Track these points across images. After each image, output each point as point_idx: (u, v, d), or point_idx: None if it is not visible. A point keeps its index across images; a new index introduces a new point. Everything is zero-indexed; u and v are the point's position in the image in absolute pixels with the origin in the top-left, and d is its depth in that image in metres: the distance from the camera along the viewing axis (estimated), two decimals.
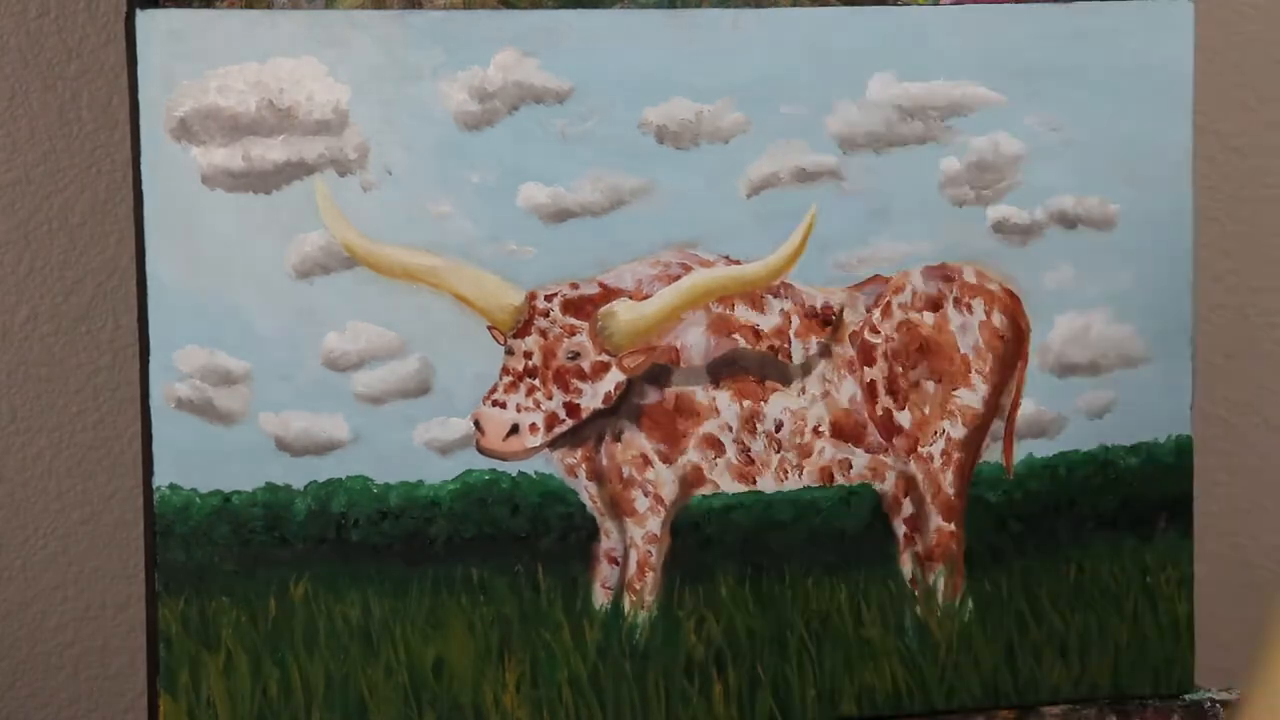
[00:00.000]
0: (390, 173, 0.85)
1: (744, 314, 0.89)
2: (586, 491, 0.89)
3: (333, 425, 0.86)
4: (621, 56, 0.86)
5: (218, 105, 0.83)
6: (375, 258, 0.85)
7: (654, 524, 0.89)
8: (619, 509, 0.89)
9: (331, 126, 0.84)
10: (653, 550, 0.90)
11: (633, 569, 0.89)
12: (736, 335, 0.89)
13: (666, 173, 0.87)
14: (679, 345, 0.89)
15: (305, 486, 0.86)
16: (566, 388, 0.87)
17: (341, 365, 0.86)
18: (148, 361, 0.84)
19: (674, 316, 0.88)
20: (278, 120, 0.84)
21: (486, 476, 0.87)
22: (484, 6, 0.85)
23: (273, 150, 0.84)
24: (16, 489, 1.02)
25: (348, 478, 0.87)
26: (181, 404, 0.85)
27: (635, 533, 0.89)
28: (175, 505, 0.85)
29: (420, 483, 0.87)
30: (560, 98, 0.86)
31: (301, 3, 0.84)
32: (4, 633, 1.04)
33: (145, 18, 0.82)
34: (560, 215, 0.86)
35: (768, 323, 0.90)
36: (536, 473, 0.88)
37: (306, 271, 0.85)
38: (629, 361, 0.88)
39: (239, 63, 0.83)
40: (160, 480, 0.85)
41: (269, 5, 0.84)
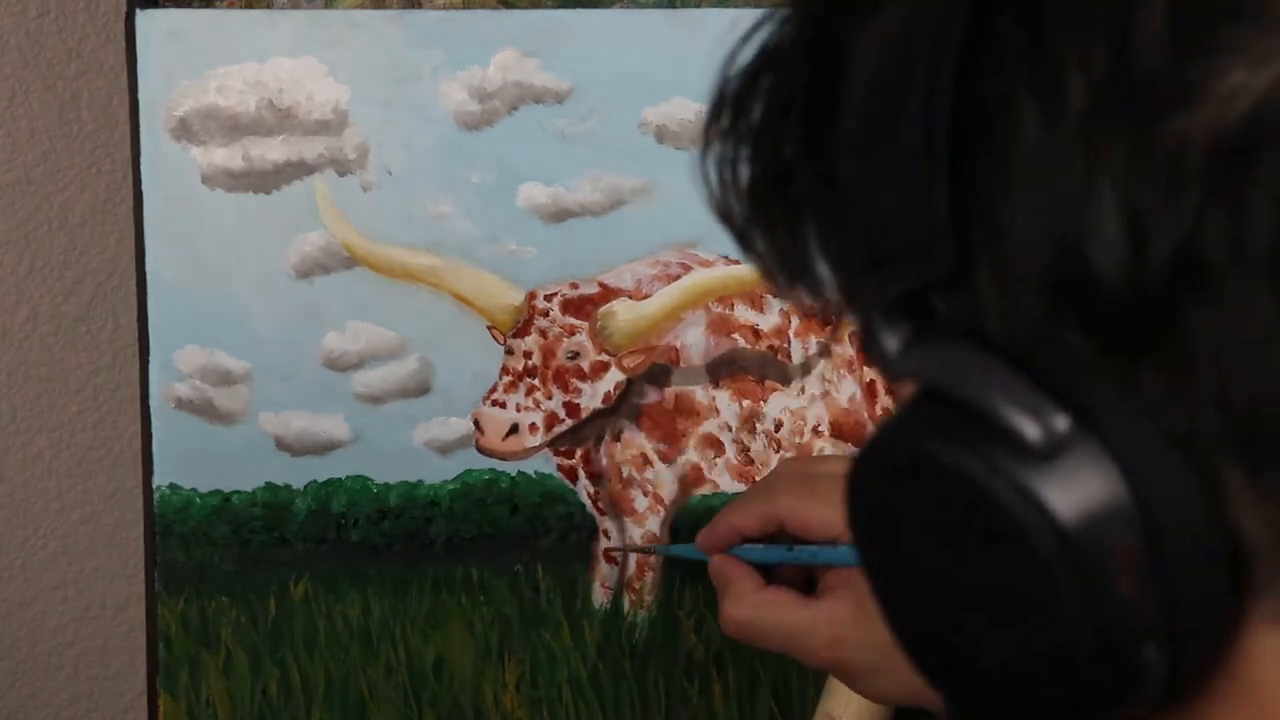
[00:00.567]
0: (390, 173, 0.85)
1: (743, 313, 0.89)
2: (586, 491, 0.89)
3: (333, 425, 0.86)
4: (621, 56, 0.86)
5: (218, 105, 0.83)
6: (375, 258, 0.85)
7: (654, 524, 0.89)
8: (619, 509, 0.89)
9: (331, 126, 0.84)
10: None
11: (633, 569, 0.89)
12: (736, 335, 0.89)
13: (666, 173, 0.87)
14: (679, 345, 0.89)
15: (305, 486, 0.86)
16: (566, 387, 0.87)
17: (341, 365, 0.86)
18: (148, 361, 0.84)
19: (674, 316, 0.88)
20: (278, 120, 0.84)
21: (486, 476, 0.87)
22: (484, 6, 0.85)
23: (273, 150, 0.84)
24: (16, 489, 1.02)
25: (348, 478, 0.87)
26: (181, 404, 0.85)
27: (635, 532, 0.89)
28: (175, 505, 0.85)
29: (420, 483, 0.87)
30: (560, 98, 0.86)
31: (301, 3, 0.84)
32: (4, 633, 1.04)
33: (145, 18, 0.82)
34: (560, 215, 0.86)
35: (767, 322, 0.90)
36: (536, 473, 0.88)
37: (306, 271, 0.85)
38: (628, 361, 0.88)
39: (239, 63, 0.83)
40: (160, 480, 0.85)
41: (269, 5, 0.84)
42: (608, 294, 0.88)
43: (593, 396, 0.88)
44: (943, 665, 0.37)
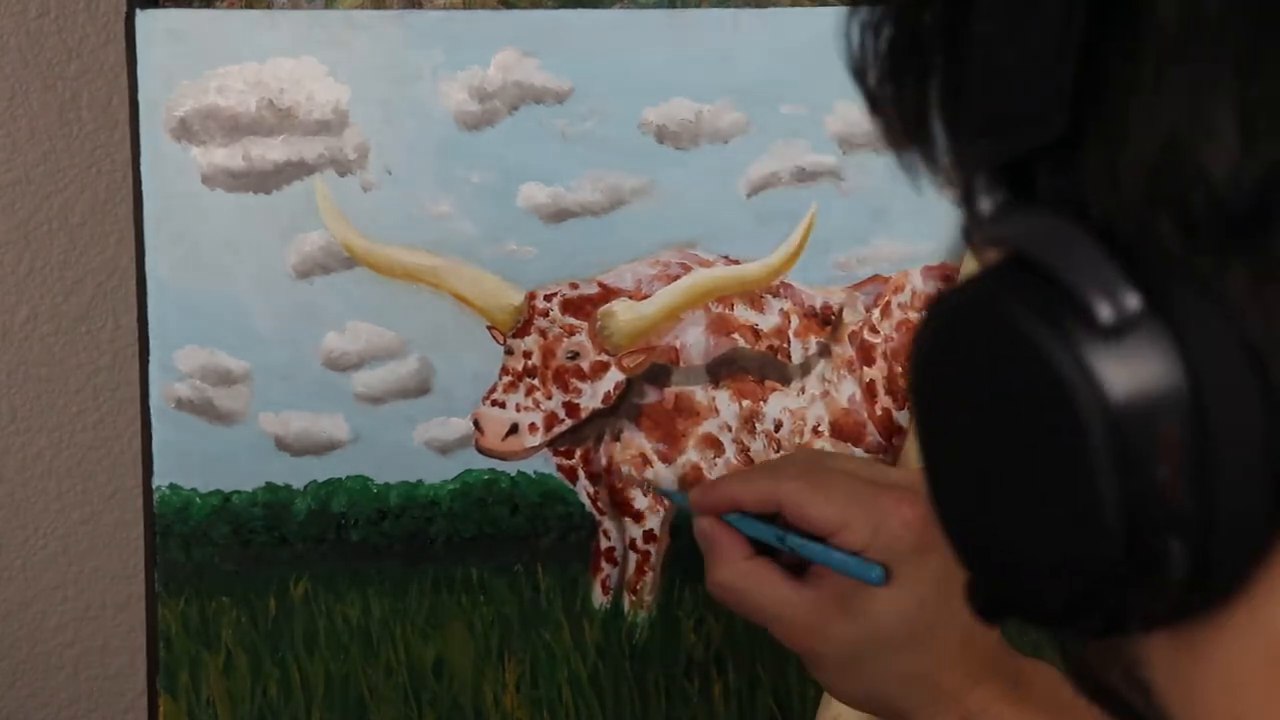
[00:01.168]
0: (390, 173, 0.85)
1: (743, 314, 0.89)
2: (586, 491, 0.89)
3: (333, 425, 0.86)
4: (621, 56, 0.86)
5: (218, 105, 0.83)
6: (375, 258, 0.85)
7: (654, 523, 0.89)
8: (619, 509, 0.89)
9: (331, 126, 0.84)
10: (652, 550, 0.90)
11: (632, 569, 0.89)
12: (736, 335, 0.89)
13: (666, 173, 0.87)
14: (678, 345, 0.89)
15: (305, 486, 0.86)
16: (566, 387, 0.87)
17: (341, 365, 0.86)
18: (148, 361, 0.84)
19: (673, 316, 0.88)
20: (278, 120, 0.84)
21: (486, 476, 0.87)
22: (484, 6, 0.85)
23: (273, 150, 0.84)
24: (16, 489, 1.02)
25: (348, 478, 0.87)
26: (181, 404, 0.85)
27: (635, 532, 0.89)
28: (175, 505, 0.85)
29: (420, 483, 0.87)
30: (560, 98, 0.86)
31: (301, 3, 0.84)
32: (4, 633, 1.04)
33: (145, 18, 0.82)
34: (560, 215, 0.86)
35: (767, 322, 0.90)
36: (536, 473, 0.88)
37: (306, 271, 0.85)
38: (628, 361, 0.88)
39: (239, 63, 0.83)
40: (160, 480, 0.85)
41: (269, 5, 0.84)
42: (608, 294, 0.88)
43: (593, 396, 0.88)
44: (973, 531, 0.37)
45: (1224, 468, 0.32)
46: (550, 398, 0.87)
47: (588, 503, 0.89)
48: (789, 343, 0.90)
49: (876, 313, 0.91)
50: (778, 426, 0.90)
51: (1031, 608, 0.37)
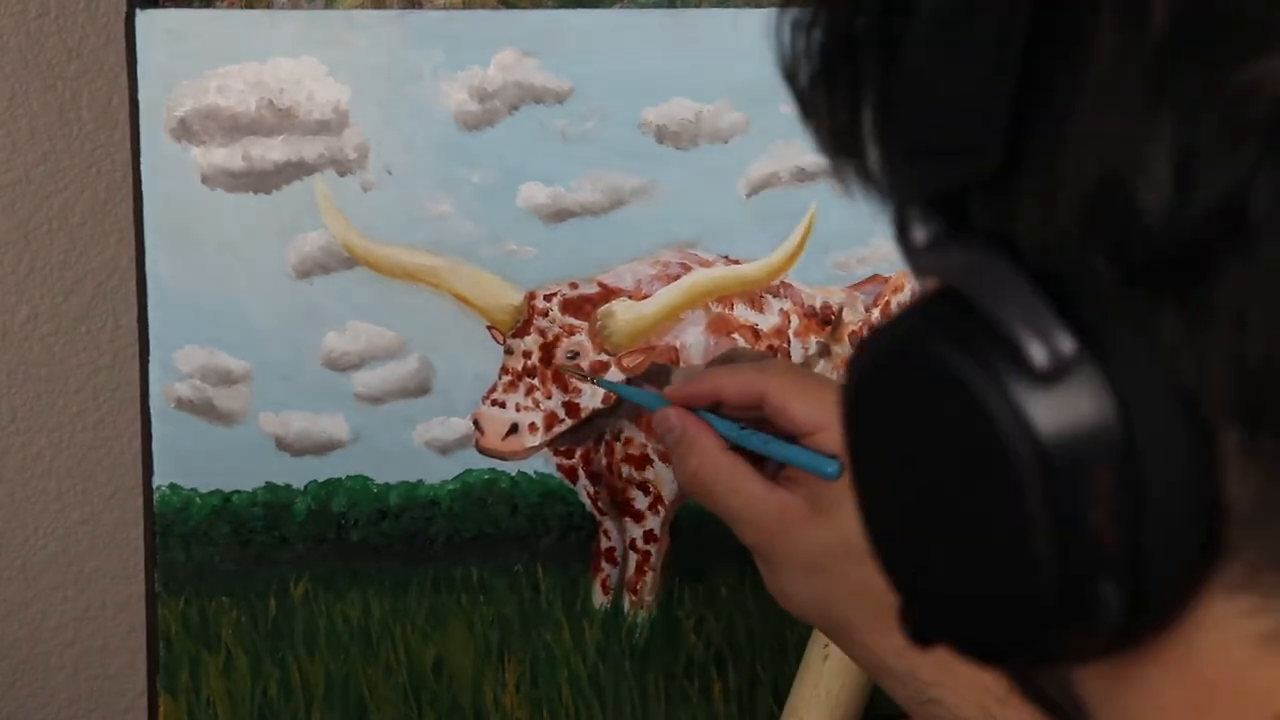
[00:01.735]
0: (390, 173, 0.85)
1: (743, 313, 0.89)
2: (586, 491, 0.89)
3: (333, 425, 0.86)
4: (621, 56, 0.86)
5: (218, 105, 0.83)
6: (375, 258, 0.85)
7: (653, 523, 0.89)
8: (619, 509, 0.89)
9: (331, 126, 0.84)
10: (652, 550, 0.90)
11: (632, 569, 0.89)
12: (736, 335, 0.89)
13: (666, 173, 0.87)
14: (678, 345, 0.89)
15: (305, 486, 0.86)
16: (566, 387, 0.87)
17: (341, 365, 0.86)
18: (148, 361, 0.84)
19: (673, 316, 0.88)
20: (278, 120, 0.84)
21: (486, 476, 0.87)
22: (484, 6, 0.85)
23: (273, 150, 0.84)
24: (16, 489, 1.02)
25: (348, 478, 0.87)
26: (181, 404, 0.85)
27: (635, 532, 0.89)
28: (175, 505, 0.85)
29: (420, 483, 0.87)
30: (560, 98, 0.86)
31: (301, 3, 0.84)
32: (4, 633, 1.04)
33: (145, 18, 0.82)
34: (560, 215, 0.86)
35: (767, 322, 0.90)
36: (536, 472, 0.88)
37: (306, 271, 0.85)
38: (628, 361, 0.88)
39: (239, 63, 0.83)
40: (160, 480, 0.85)
41: (269, 5, 0.84)
42: (607, 294, 0.88)
43: (593, 396, 0.88)
44: (905, 562, 0.37)
45: (1155, 512, 0.32)
46: (550, 397, 0.87)
47: (588, 503, 0.89)
48: (789, 342, 0.90)
49: (876, 312, 0.91)
50: None
51: (964, 640, 0.37)
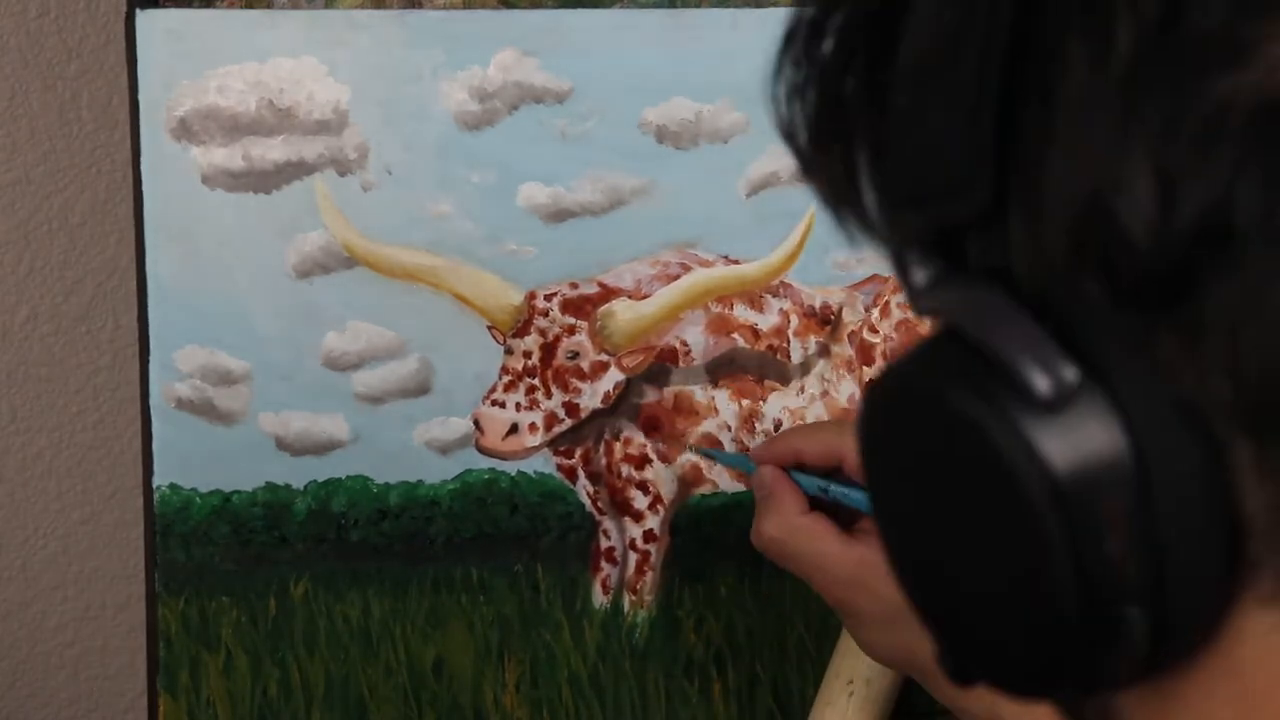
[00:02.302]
0: (390, 173, 0.85)
1: (743, 313, 0.89)
2: (586, 491, 0.89)
3: (333, 425, 0.86)
4: (621, 56, 0.86)
5: (218, 105, 0.83)
6: (375, 258, 0.85)
7: (653, 523, 0.89)
8: (618, 508, 0.89)
9: (331, 126, 0.84)
10: (652, 550, 0.90)
11: (632, 569, 0.90)
12: (735, 335, 0.89)
13: (666, 173, 0.87)
14: (678, 345, 0.89)
15: (305, 486, 0.86)
16: (566, 387, 0.87)
17: (341, 365, 0.86)
18: (148, 361, 0.84)
19: (673, 316, 0.89)
20: (278, 120, 0.84)
21: (486, 476, 0.88)
22: (484, 6, 0.85)
23: (273, 150, 0.84)
24: (16, 489, 1.02)
25: (348, 478, 0.87)
26: (181, 404, 0.85)
27: (635, 532, 0.89)
28: (175, 505, 0.85)
29: (420, 483, 0.87)
30: (560, 98, 0.86)
31: (301, 3, 0.84)
32: (4, 633, 1.04)
33: (145, 18, 0.82)
34: (560, 215, 0.86)
35: (766, 322, 0.90)
36: (536, 472, 0.88)
37: (306, 271, 0.85)
38: (628, 361, 0.88)
39: (239, 63, 0.83)
40: (160, 480, 0.85)
41: (269, 5, 0.84)
42: (607, 294, 0.88)
43: (592, 396, 0.88)
44: (935, 604, 0.37)
45: (1173, 531, 0.32)
46: (550, 397, 0.87)
47: (588, 503, 0.89)
48: (788, 342, 0.90)
49: (876, 312, 0.91)
50: (777, 426, 0.90)
51: (997, 675, 0.37)
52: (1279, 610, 0.32)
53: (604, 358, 0.88)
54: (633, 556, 0.89)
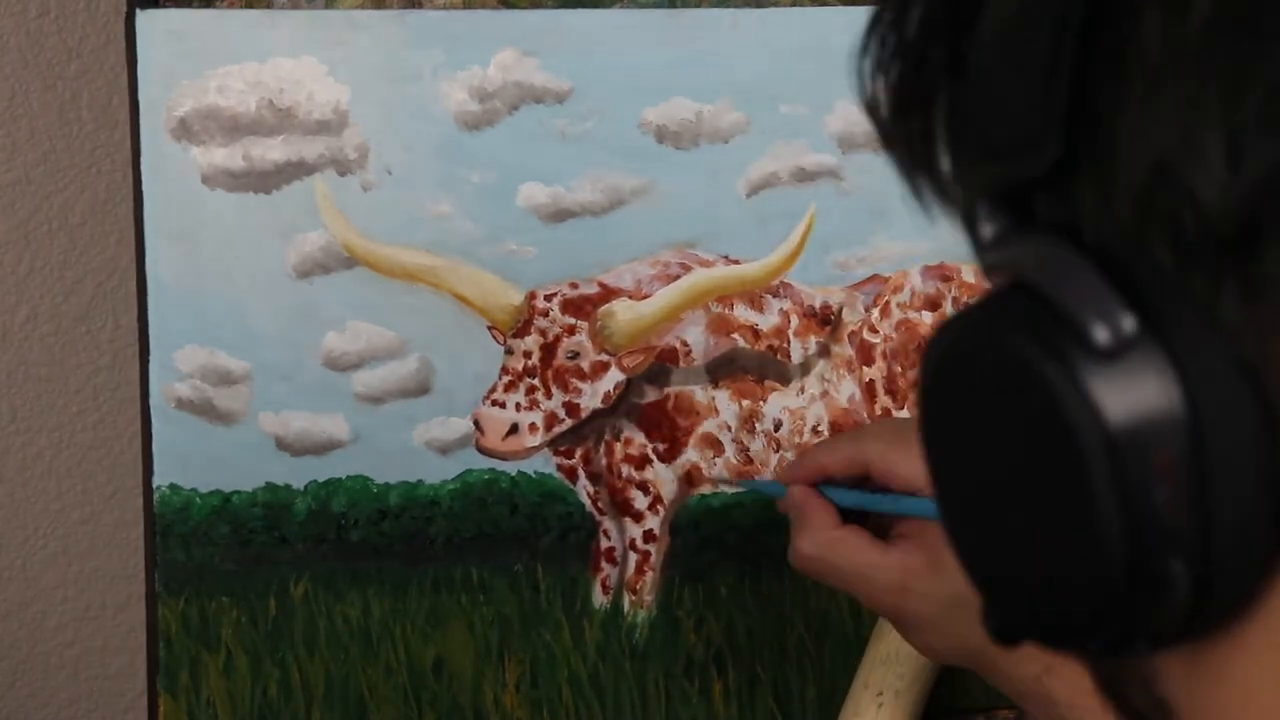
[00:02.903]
0: (390, 173, 0.85)
1: (743, 313, 0.89)
2: (586, 491, 0.89)
3: (333, 425, 0.86)
4: (621, 56, 0.86)
5: (218, 105, 0.83)
6: (375, 258, 0.85)
7: (653, 523, 0.89)
8: (618, 508, 0.89)
9: (331, 126, 0.84)
10: (652, 550, 0.90)
11: (632, 569, 0.89)
12: (735, 335, 0.89)
13: (666, 173, 0.87)
14: (678, 345, 0.89)
15: (305, 486, 0.86)
16: (566, 387, 0.87)
17: (341, 365, 0.86)
18: (148, 361, 0.84)
19: (673, 316, 0.89)
20: (278, 120, 0.84)
21: (486, 476, 0.87)
22: (484, 6, 0.85)
23: (273, 150, 0.84)
24: (16, 489, 1.02)
25: (348, 478, 0.87)
26: (181, 404, 0.85)
27: (635, 532, 0.89)
28: (175, 505, 0.85)
29: (420, 483, 0.87)
30: (560, 98, 0.86)
31: (301, 3, 0.84)
32: (4, 633, 1.04)
33: (145, 18, 0.82)
34: (560, 215, 0.86)
35: (766, 322, 0.90)
36: (536, 472, 0.88)
37: (306, 271, 0.85)
38: (628, 361, 0.88)
39: (239, 63, 0.83)
40: (160, 480, 0.85)
41: (269, 5, 0.84)
42: (608, 294, 0.88)
43: (593, 396, 0.88)
44: (984, 553, 0.38)
45: (1223, 488, 0.32)
46: (550, 397, 0.87)
47: (588, 503, 0.89)
48: (788, 342, 0.90)
49: (876, 312, 0.91)
50: (777, 426, 0.90)
51: (1041, 630, 0.37)
52: None
53: (604, 358, 0.88)
54: (633, 556, 0.89)
